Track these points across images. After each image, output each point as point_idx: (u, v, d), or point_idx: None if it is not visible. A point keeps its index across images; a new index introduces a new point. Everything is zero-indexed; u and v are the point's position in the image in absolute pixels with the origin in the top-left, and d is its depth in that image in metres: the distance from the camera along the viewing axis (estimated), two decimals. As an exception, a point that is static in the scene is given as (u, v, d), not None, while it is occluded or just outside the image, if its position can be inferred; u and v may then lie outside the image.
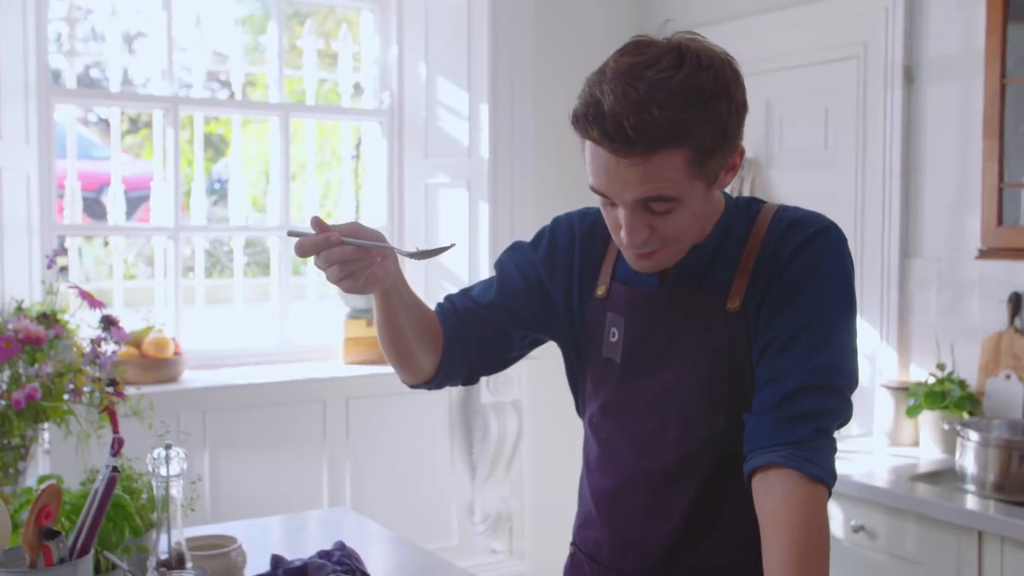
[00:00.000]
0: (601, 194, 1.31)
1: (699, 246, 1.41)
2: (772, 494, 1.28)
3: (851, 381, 1.36)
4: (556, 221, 1.57)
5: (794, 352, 1.33)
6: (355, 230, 1.28)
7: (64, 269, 3.21)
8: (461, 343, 1.50)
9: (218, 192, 5.83)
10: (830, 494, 1.33)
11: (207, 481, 3.17)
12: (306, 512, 2.39)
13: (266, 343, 3.57)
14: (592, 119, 1.24)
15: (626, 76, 1.23)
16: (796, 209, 1.42)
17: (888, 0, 2.97)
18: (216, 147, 6.15)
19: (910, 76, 2.95)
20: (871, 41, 3.03)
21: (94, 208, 4.83)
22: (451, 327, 1.50)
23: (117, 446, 1.30)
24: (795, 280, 1.35)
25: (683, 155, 1.24)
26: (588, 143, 1.28)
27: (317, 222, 1.27)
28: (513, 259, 1.55)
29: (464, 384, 1.56)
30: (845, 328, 1.37)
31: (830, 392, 1.33)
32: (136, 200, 4.02)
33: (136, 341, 3.11)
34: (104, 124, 6.02)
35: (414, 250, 1.30)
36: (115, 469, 1.29)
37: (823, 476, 1.29)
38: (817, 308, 1.34)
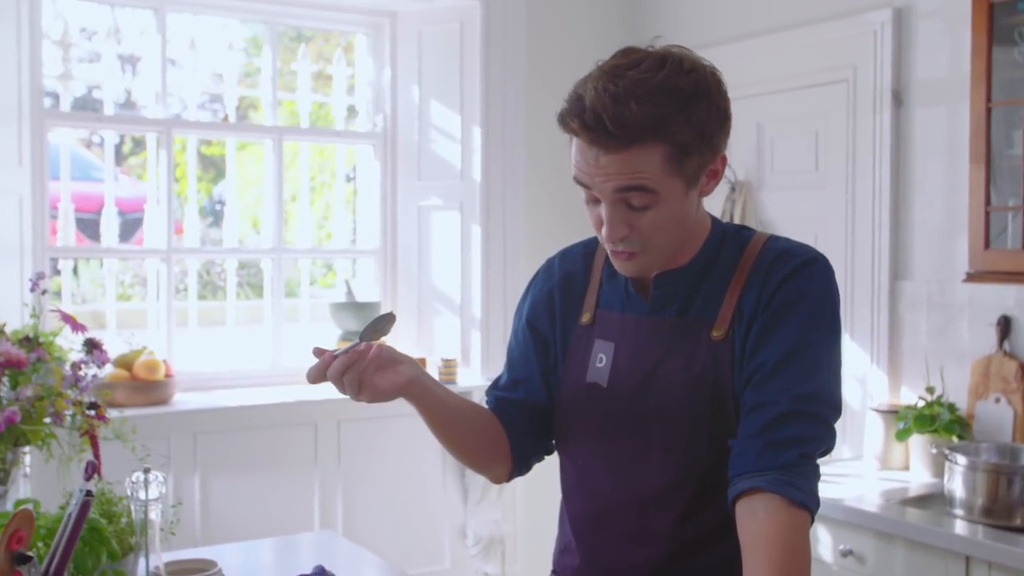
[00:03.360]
0: (583, 185, 1.34)
1: (686, 269, 1.42)
2: (755, 518, 1.29)
3: (836, 409, 1.38)
4: (547, 261, 1.61)
5: (780, 379, 1.34)
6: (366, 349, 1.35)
7: (47, 292, 3.22)
8: (518, 429, 1.54)
9: (218, 213, 5.85)
10: (813, 520, 1.33)
11: (197, 504, 3.16)
12: (290, 536, 2.38)
13: (258, 365, 3.57)
14: (574, 112, 1.29)
15: (609, 74, 1.29)
16: (786, 240, 1.44)
17: (877, 24, 2.99)
18: (219, 168, 6.17)
19: (899, 99, 2.96)
20: (860, 65, 3.04)
21: (94, 229, 4.85)
22: (504, 422, 1.54)
23: (91, 471, 1.30)
24: (782, 309, 1.36)
25: (660, 150, 1.28)
26: (574, 138, 1.32)
27: (317, 351, 1.35)
28: (512, 330, 1.61)
29: (547, 455, 1.60)
30: (831, 357, 1.39)
31: (815, 419, 1.34)
32: (135, 221, 4.03)
33: (127, 363, 3.11)
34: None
35: (364, 331, 1.35)
36: (88, 493, 1.29)
37: (806, 501, 1.30)
38: (804, 336, 1.36)
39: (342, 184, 3.92)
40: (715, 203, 3.39)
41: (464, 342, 3.64)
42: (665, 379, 1.40)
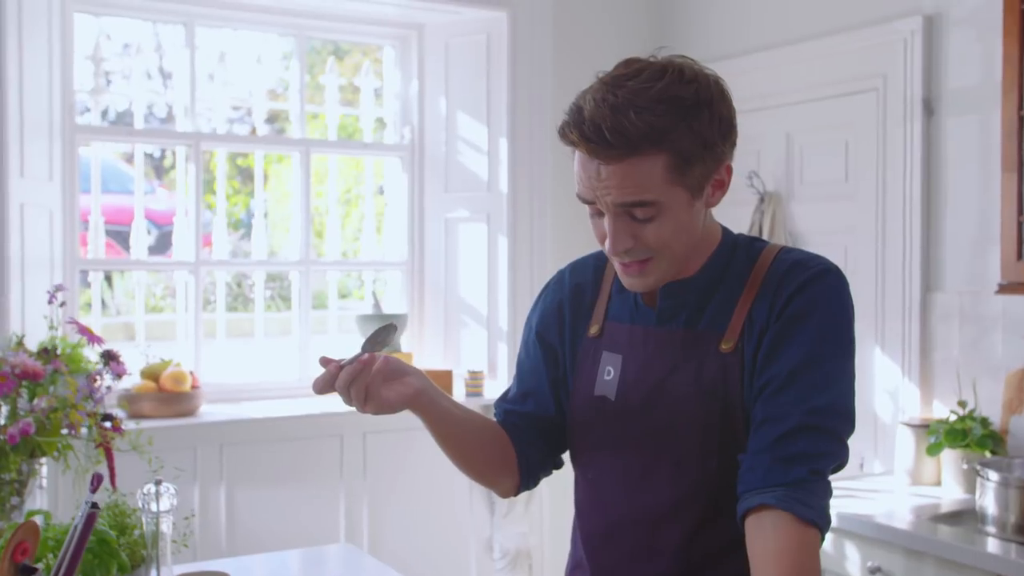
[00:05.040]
0: (586, 201, 1.33)
1: (694, 280, 1.39)
2: (764, 536, 1.26)
3: (848, 424, 1.34)
4: (558, 273, 1.59)
5: (792, 392, 1.31)
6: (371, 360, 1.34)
7: (65, 304, 3.26)
8: (526, 443, 1.52)
9: (253, 226, 5.89)
10: (823, 537, 1.30)
11: (223, 515, 3.17)
12: (308, 548, 2.38)
13: (285, 377, 3.58)
14: (573, 124, 1.28)
15: (609, 85, 1.28)
16: (798, 251, 1.41)
17: (907, 32, 2.94)
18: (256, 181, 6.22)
19: (930, 108, 2.91)
20: (890, 73, 3.00)
21: (129, 242, 4.91)
22: (512, 435, 1.53)
23: (96, 482, 1.30)
24: (795, 320, 1.33)
25: (661, 160, 1.26)
26: (576, 153, 1.31)
27: (324, 360, 1.34)
28: (522, 341, 1.59)
29: (555, 470, 1.59)
30: (844, 370, 1.35)
31: (827, 434, 1.31)
32: (171, 234, 4.07)
33: (154, 375, 3.13)
34: (149, 159, 6.12)
35: (365, 342, 1.34)
36: (94, 505, 1.29)
37: (816, 519, 1.27)
38: (816, 349, 1.32)
39: (371, 196, 3.93)
40: (744, 214, 3.35)
41: (491, 354, 3.63)
42: (673, 392, 1.38)
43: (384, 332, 1.33)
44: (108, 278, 5.38)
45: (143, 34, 3.69)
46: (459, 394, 3.53)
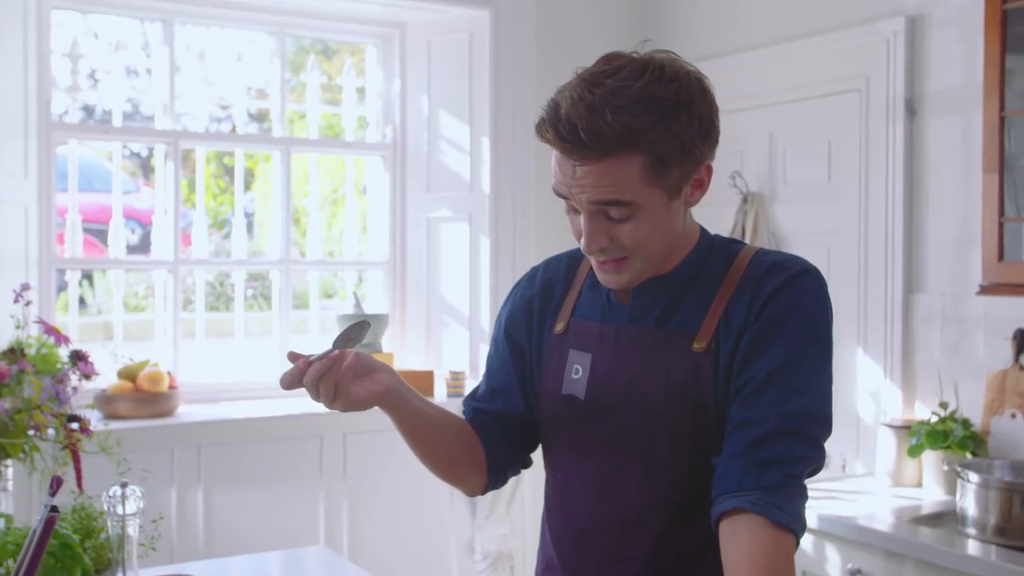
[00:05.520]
0: (562, 196, 1.31)
1: (667, 278, 1.37)
2: (737, 540, 1.25)
3: (825, 428, 1.33)
4: (531, 269, 1.58)
5: (769, 395, 1.29)
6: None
7: (31, 303, 3.22)
8: (495, 441, 1.51)
9: (239, 224, 5.86)
10: (798, 543, 1.28)
11: (200, 517, 3.14)
12: (282, 551, 2.35)
13: (264, 377, 3.55)
14: (549, 122, 1.26)
15: (587, 83, 1.26)
16: (776, 252, 1.40)
17: (889, 33, 2.93)
18: (245, 180, 6.18)
19: (912, 109, 2.90)
20: (873, 74, 2.99)
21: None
22: (481, 434, 1.51)
23: (55, 486, 1.27)
24: (773, 322, 1.32)
25: (638, 161, 1.24)
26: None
27: (293, 356, 1.32)
28: (492, 338, 1.58)
29: (523, 469, 1.58)
30: (822, 373, 1.33)
31: (803, 439, 1.29)
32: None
33: (131, 375, 3.10)
34: (136, 158, 6.07)
35: (337, 338, 1.32)
36: (54, 509, 1.27)
37: (791, 523, 1.25)
38: (795, 351, 1.31)
39: (353, 196, 3.90)
40: (726, 215, 3.34)
41: (472, 354, 3.60)
42: (644, 393, 1.36)
43: (356, 328, 1.31)
44: (89, 277, 5.34)
45: (125, 32, 3.64)
46: (440, 395, 3.50)
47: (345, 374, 1.31)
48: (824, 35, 3.13)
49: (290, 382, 1.31)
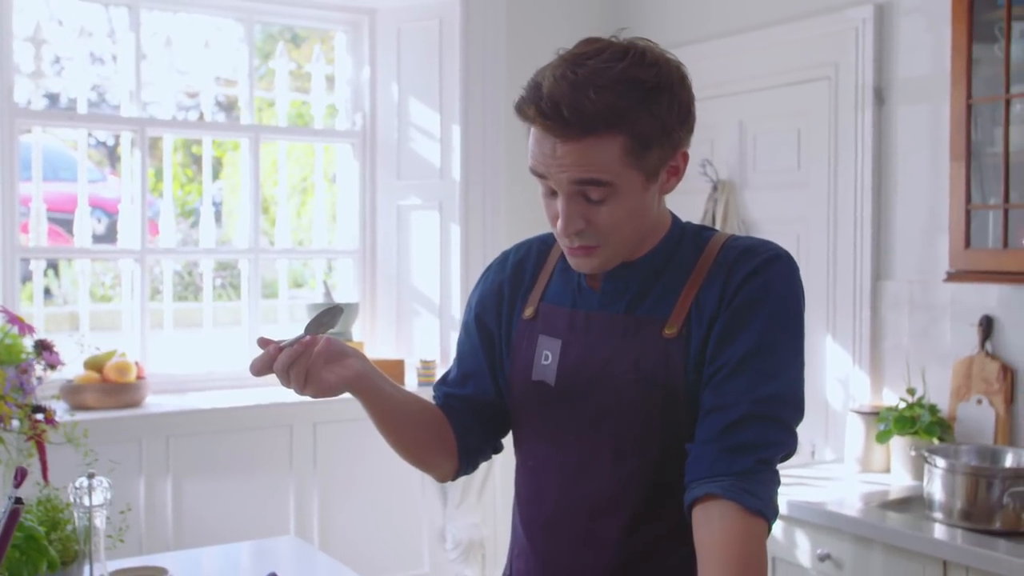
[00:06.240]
0: (540, 175, 1.30)
1: (638, 263, 1.37)
2: (710, 526, 1.25)
3: (797, 412, 1.33)
4: (502, 253, 1.56)
5: (741, 380, 1.29)
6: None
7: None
8: (465, 426, 1.50)
9: (209, 214, 5.82)
10: (771, 528, 1.28)
11: (169, 508, 3.11)
12: (255, 541, 2.33)
13: (233, 367, 3.52)
14: (531, 100, 1.25)
15: (569, 63, 1.26)
16: (748, 238, 1.40)
17: (859, 21, 2.94)
18: (213, 169, 6.13)
19: (881, 97, 2.92)
20: (842, 62, 3.00)
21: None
22: (452, 419, 1.50)
23: (20, 477, 1.25)
24: (745, 307, 1.31)
25: (619, 141, 1.24)
26: (531, 128, 1.28)
27: (263, 341, 1.30)
28: (462, 322, 1.56)
29: (495, 454, 1.57)
30: (794, 357, 1.33)
31: (775, 423, 1.29)
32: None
33: (98, 365, 3.07)
34: (101, 146, 5.99)
35: (309, 324, 1.31)
36: (18, 501, 1.25)
37: (763, 509, 1.25)
38: (766, 337, 1.31)
39: (322, 184, 3.88)
40: (697, 203, 3.34)
41: (443, 343, 3.59)
42: (614, 379, 1.36)
43: (328, 314, 1.30)
44: (55, 267, 5.27)
45: (90, 17, 3.60)
46: (411, 384, 3.49)
47: (316, 360, 1.30)
48: (794, 23, 3.14)
49: (260, 368, 1.29)
